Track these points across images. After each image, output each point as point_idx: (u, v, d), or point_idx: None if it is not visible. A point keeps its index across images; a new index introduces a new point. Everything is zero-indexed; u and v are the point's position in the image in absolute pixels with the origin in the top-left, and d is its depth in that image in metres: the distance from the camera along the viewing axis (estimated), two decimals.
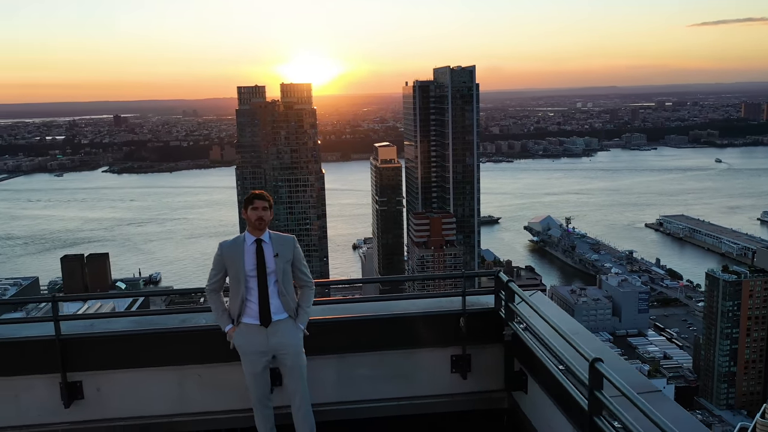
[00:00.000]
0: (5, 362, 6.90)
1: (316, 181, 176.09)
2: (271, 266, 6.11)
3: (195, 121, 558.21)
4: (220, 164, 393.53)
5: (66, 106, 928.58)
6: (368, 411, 6.91)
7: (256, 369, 6.23)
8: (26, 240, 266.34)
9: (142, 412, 7.06)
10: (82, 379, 6.97)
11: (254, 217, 6.12)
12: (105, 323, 7.51)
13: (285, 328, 6.19)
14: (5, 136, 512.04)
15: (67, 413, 6.92)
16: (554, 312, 6.65)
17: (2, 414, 6.95)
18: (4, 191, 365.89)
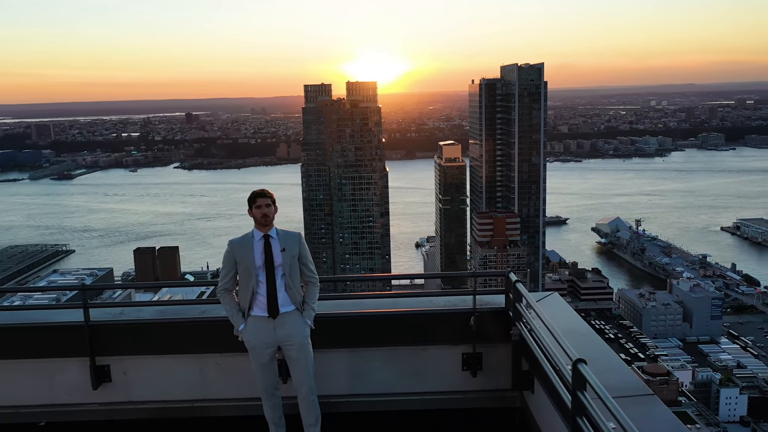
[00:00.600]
0: (39, 345, 7.42)
1: (380, 179, 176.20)
2: (279, 260, 6.34)
3: (263, 119, 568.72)
4: (286, 161, 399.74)
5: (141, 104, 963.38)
6: (380, 404, 7.06)
7: (263, 360, 6.44)
8: (102, 232, 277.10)
9: (165, 397, 7.44)
10: (109, 364, 7.44)
11: (259, 215, 6.37)
12: (135, 312, 7.89)
13: (291, 320, 6.41)
14: (84, 132, 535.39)
15: (95, 395, 7.40)
16: (561, 314, 6.85)
17: (37, 393, 7.50)
18: (83, 185, 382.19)
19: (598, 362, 5.43)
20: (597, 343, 6.29)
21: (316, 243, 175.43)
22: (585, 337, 6.26)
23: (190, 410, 7.37)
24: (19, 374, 7.50)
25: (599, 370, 5.02)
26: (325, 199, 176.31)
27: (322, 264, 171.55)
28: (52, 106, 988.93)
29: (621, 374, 5.49)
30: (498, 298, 7.20)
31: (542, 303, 7.23)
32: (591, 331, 6.61)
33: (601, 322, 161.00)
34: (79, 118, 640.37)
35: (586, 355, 5.34)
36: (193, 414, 7.35)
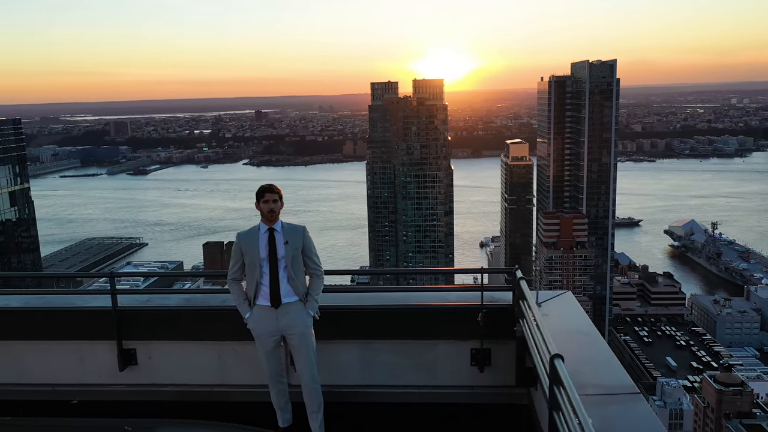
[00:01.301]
0: (71, 328, 7.92)
1: (445, 177, 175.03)
2: (282, 253, 6.58)
3: (330, 117, 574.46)
4: (352, 159, 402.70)
5: (213, 101, 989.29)
6: (389, 396, 7.18)
7: (267, 348, 6.72)
8: (174, 226, 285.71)
9: (186, 381, 7.81)
10: (136, 347, 7.84)
11: (266, 210, 6.61)
12: (161, 299, 8.34)
13: (294, 310, 6.63)
14: (159, 129, 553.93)
15: (122, 376, 7.83)
16: (569, 313, 6.99)
17: (70, 373, 8.00)
18: (157, 181, 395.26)
19: (594, 362, 5.80)
20: (597, 343, 6.37)
21: (379, 240, 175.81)
22: (587, 337, 6.41)
23: (210, 395, 7.70)
24: (55, 355, 8.01)
25: (593, 368, 5.54)
26: (389, 197, 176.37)
27: (386, 262, 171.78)
28: (129, 104, 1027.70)
29: (613, 373, 5.57)
30: (507, 294, 7.26)
31: (553, 301, 7.40)
32: (595, 332, 6.72)
33: (672, 328, 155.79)
34: (155, 116, 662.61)
35: (583, 355, 5.80)
36: (212, 398, 7.66)
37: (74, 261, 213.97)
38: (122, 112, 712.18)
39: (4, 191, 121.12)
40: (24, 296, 8.93)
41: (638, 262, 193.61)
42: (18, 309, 8.28)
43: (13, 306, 8.36)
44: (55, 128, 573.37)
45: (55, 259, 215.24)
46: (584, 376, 5.37)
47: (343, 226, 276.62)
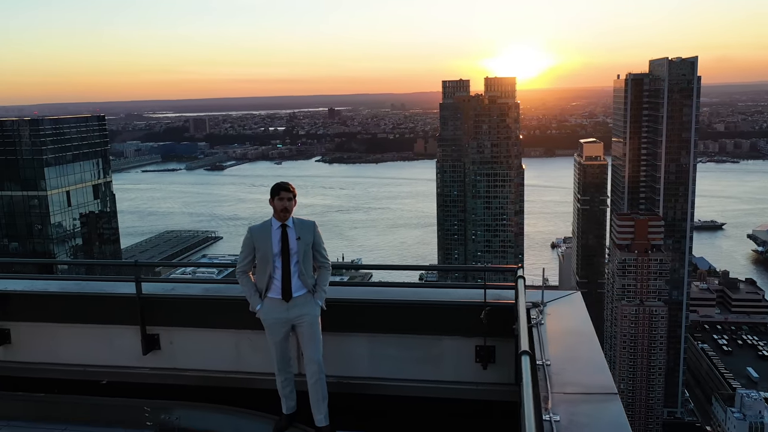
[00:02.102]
0: (101, 312, 8.44)
1: (516, 176, 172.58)
2: (294, 248, 6.80)
3: (402, 115, 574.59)
4: (423, 157, 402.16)
5: (287, 99, 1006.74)
6: (395, 389, 7.35)
7: (278, 338, 6.95)
8: (248, 221, 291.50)
9: (205, 366, 8.18)
10: (159, 333, 8.26)
11: (280, 207, 6.82)
12: (184, 287, 8.74)
13: (303, 302, 6.89)
14: (236, 126, 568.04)
15: (146, 360, 8.23)
16: (571, 313, 7.06)
17: (100, 355, 8.49)
18: (233, 176, 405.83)
19: (581, 361, 5.95)
20: (589, 344, 6.42)
21: (448, 239, 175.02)
22: (581, 337, 6.53)
23: (226, 380, 8.02)
24: (87, 337, 8.54)
25: (578, 368, 5.71)
26: (459, 196, 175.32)
27: (454, 261, 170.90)
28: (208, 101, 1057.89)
29: (596, 373, 5.67)
30: (510, 292, 7.36)
31: (559, 301, 7.48)
32: (591, 332, 6.74)
33: (754, 337, 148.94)
34: (232, 113, 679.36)
35: (573, 354, 6.02)
36: (228, 384, 7.97)
37: (153, 252, 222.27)
38: (201, 110, 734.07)
39: (88, 184, 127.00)
40: (62, 281, 9.57)
41: (718, 267, 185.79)
42: (55, 293, 8.88)
43: (51, 290, 8.99)
44: (138, 125, 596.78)
45: (135, 250, 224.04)
46: (567, 375, 5.51)
47: (413, 224, 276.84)
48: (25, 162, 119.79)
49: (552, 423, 4.61)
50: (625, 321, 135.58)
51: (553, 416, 4.75)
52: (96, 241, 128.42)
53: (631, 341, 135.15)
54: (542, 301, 7.23)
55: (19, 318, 8.69)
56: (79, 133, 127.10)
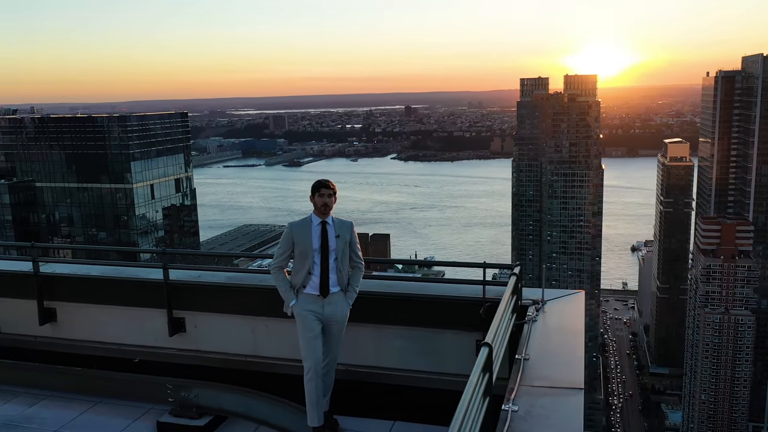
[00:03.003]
0: (135, 296, 9.05)
1: (595, 176, 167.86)
2: (333, 245, 6.86)
3: (479, 113, 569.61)
4: (500, 155, 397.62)
5: (364, 97, 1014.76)
6: (400, 379, 7.52)
7: (315, 332, 6.85)
8: None
9: (225, 349, 8.64)
10: (185, 317, 8.77)
11: (320, 204, 6.85)
12: (210, 275, 9.18)
13: (337, 300, 6.94)
14: (314, 123, 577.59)
15: (172, 341, 8.78)
16: (565, 312, 7.27)
17: (133, 335, 9.10)
18: (310, 172, 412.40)
19: (559, 357, 6.25)
20: (574, 342, 6.61)
21: (523, 239, 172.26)
22: (568, 335, 6.75)
23: (244, 364, 8.46)
24: (122, 318, 9.16)
25: (554, 363, 6.05)
26: (535, 196, 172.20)
27: (528, 261, 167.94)
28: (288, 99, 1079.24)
29: (569, 369, 5.90)
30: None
31: (559, 300, 7.66)
32: (580, 331, 6.90)
33: None
34: (310, 110, 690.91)
35: (554, 350, 6.37)
36: (246, 367, 8.41)
37: (232, 246, 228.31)
38: (281, 107, 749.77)
39: (171, 178, 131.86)
40: (103, 266, 10.11)
41: None
42: (96, 277, 9.53)
43: (92, 274, 9.63)
44: (221, 121, 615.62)
45: (215, 242, 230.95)
46: (541, 370, 5.84)
47: (488, 223, 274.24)
48: (113, 156, 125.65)
49: (509, 413, 4.97)
50: (708, 329, 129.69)
51: (512, 407, 5.10)
52: (177, 233, 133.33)
53: (714, 351, 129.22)
54: (542, 299, 7.52)
55: (64, 299, 9.44)
56: (164, 129, 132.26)
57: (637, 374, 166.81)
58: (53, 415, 7.90)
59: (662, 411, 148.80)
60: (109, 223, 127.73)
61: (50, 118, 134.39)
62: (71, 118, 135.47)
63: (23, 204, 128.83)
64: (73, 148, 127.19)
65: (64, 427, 7.64)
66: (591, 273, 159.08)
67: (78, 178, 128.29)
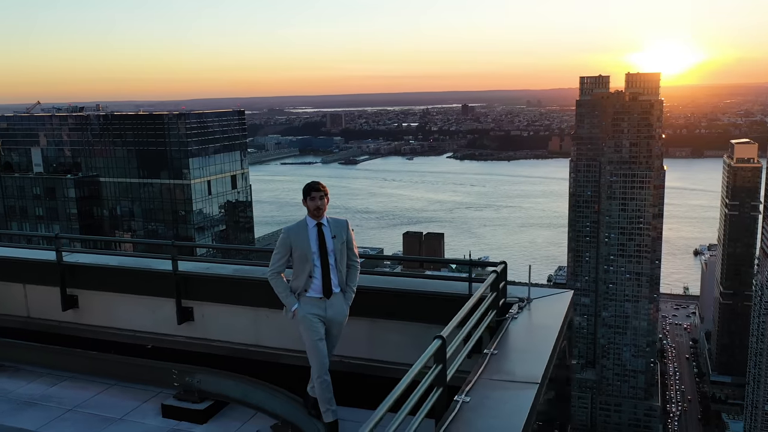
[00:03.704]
0: (148, 285, 9.53)
1: (656, 177, 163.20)
2: (330, 246, 6.90)
3: (537, 111, 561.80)
4: (558, 155, 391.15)
5: (421, 95, 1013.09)
6: (393, 372, 7.51)
7: (319, 335, 6.88)
8: (379, 215, 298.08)
9: (230, 338, 9.02)
10: (193, 306, 9.18)
11: (313, 207, 6.91)
12: (219, 268, 9.55)
13: (338, 301, 7.00)
14: (370, 122, 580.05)
15: (180, 329, 9.20)
16: (548, 309, 7.51)
17: (146, 322, 9.56)
18: (366, 171, 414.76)
19: (527, 353, 6.51)
20: (545, 339, 6.75)
21: (580, 241, 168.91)
22: (543, 332, 6.96)
23: (247, 352, 8.81)
24: (137, 306, 9.65)
25: (520, 359, 6.34)
26: (593, 196, 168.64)
27: (585, 264, 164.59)
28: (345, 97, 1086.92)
29: (531, 366, 6.06)
30: None
31: (545, 299, 7.84)
32: (555, 328, 7.03)
33: None
34: (367, 109, 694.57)
35: (525, 346, 6.66)
36: (249, 356, 8.75)
37: None
38: (338, 105, 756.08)
39: (227, 175, 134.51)
40: (121, 257, 10.77)
41: None
42: (113, 267, 10.08)
43: (111, 264, 10.19)
44: (279, 119, 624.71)
45: (270, 238, 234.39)
46: (505, 364, 6.09)
47: (545, 224, 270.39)
48: (172, 153, 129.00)
49: (460, 403, 5.24)
50: None
51: (464, 398, 5.34)
52: (232, 229, 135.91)
53: None
54: (528, 297, 7.72)
55: (85, 286, 10.02)
56: (221, 127, 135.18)
57: (696, 382, 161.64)
58: (70, 395, 8.50)
59: (723, 420, 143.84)
60: (168, 218, 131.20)
61: (114, 115, 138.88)
62: (133, 116, 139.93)
63: (87, 198, 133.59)
64: (135, 145, 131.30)
65: (79, 406, 8.21)
66: (650, 276, 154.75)
67: (139, 173, 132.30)
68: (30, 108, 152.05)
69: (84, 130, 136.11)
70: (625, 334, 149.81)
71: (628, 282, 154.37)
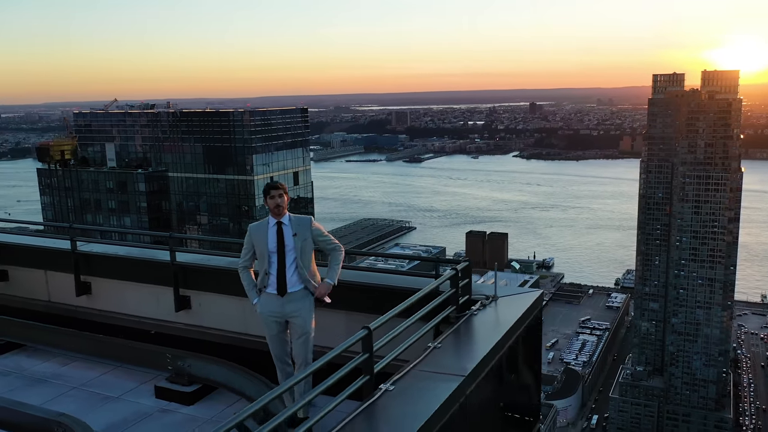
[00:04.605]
0: (151, 274, 10.13)
1: (733, 179, 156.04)
2: (290, 244, 7.09)
3: (608, 110, 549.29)
4: (629, 155, 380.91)
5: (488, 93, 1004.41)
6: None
7: (273, 332, 7.24)
8: (443, 213, 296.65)
9: (222, 326, 9.53)
10: (190, 295, 9.72)
11: (272, 205, 7.11)
12: (217, 260, 9.99)
13: (298, 297, 7.13)
14: (435, 120, 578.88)
15: (178, 316, 9.78)
16: (509, 307, 7.82)
17: (149, 308, 10.18)
18: (430, 168, 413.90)
19: (467, 346, 6.95)
20: (492, 334, 7.06)
21: (649, 244, 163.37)
22: (493, 328, 7.28)
23: (238, 340, 9.25)
24: (142, 294, 10.27)
25: (458, 352, 6.75)
26: (664, 198, 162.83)
27: (654, 267, 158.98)
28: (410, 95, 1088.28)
29: (464, 359, 6.45)
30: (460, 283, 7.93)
31: (513, 297, 8.12)
32: (507, 323, 7.31)
33: None
34: (432, 107, 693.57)
35: (469, 340, 7.06)
36: (240, 344, 9.15)
37: (351, 239, 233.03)
38: (404, 103, 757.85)
39: (290, 171, 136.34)
40: (130, 247, 11.36)
41: None
42: (122, 256, 10.71)
43: (120, 254, 10.84)
44: (345, 117, 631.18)
45: (334, 235, 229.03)
46: (442, 357, 6.49)
47: (614, 225, 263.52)
48: (236, 149, 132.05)
49: (383, 390, 5.68)
50: None
51: (388, 386, 5.76)
52: None
53: None
54: (495, 294, 8.01)
55: (97, 274, 10.73)
56: (284, 124, 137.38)
57: None
58: (78, 375, 9.23)
59: None
60: (232, 213, 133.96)
61: (182, 112, 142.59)
62: (200, 113, 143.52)
63: (156, 192, 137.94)
64: (202, 141, 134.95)
65: (83, 385, 8.92)
66: (724, 283, 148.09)
67: (205, 169, 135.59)
68: (107, 105, 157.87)
69: (154, 127, 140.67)
70: (695, 341, 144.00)
71: (700, 288, 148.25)
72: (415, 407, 5.52)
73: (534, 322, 7.99)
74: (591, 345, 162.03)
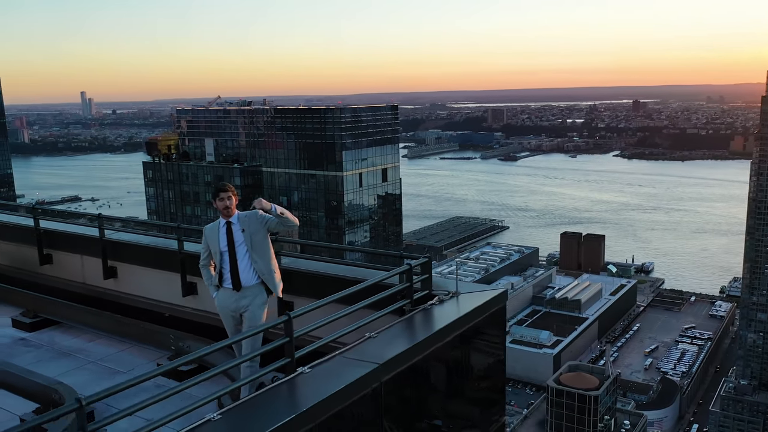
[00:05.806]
0: (164, 262, 10.84)
1: None
2: (240, 240, 7.59)
3: (719, 108, 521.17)
4: (741, 156, 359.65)
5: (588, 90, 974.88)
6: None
7: (230, 326, 7.81)
8: (538, 213, 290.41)
9: None
10: (196, 282, 10.25)
11: (222, 207, 7.59)
12: None
13: (252, 292, 7.65)
14: (533, 117, 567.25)
15: (186, 301, 10.50)
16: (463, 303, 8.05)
17: (163, 294, 10.82)
18: (527, 167, 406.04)
19: (397, 338, 7.16)
20: (426, 328, 7.48)
21: (759, 251, 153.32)
22: (434, 321, 7.63)
23: None
24: (159, 279, 11.01)
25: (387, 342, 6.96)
26: None
27: (764, 276, 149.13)
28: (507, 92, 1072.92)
29: (387, 348, 6.72)
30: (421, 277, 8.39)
31: (474, 294, 8.36)
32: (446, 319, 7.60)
33: None
34: (530, 104, 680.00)
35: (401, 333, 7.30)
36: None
37: (443, 236, 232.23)
38: (500, 100, 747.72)
39: (378, 168, 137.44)
40: (152, 237, 12.23)
41: None
42: (143, 244, 11.61)
43: (142, 242, 11.73)
44: (440, 114, 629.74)
45: (426, 232, 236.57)
46: (370, 346, 6.80)
47: (721, 230, 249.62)
48: (327, 146, 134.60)
49: (299, 372, 6.14)
50: None
51: (305, 369, 6.18)
52: (382, 221, 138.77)
53: None
54: (456, 291, 8.30)
55: (121, 259, 11.68)
56: (374, 121, 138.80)
57: None
58: (99, 350, 10.15)
59: None
60: (322, 208, 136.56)
61: (276, 109, 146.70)
62: (294, 110, 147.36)
63: (251, 186, 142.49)
64: (295, 138, 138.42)
65: (101, 360, 9.79)
66: None
67: (297, 164, 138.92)
68: (211, 102, 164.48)
69: (250, 123, 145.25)
70: None
71: None
72: (317, 388, 5.87)
73: (489, 321, 8.16)
74: (691, 355, 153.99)
